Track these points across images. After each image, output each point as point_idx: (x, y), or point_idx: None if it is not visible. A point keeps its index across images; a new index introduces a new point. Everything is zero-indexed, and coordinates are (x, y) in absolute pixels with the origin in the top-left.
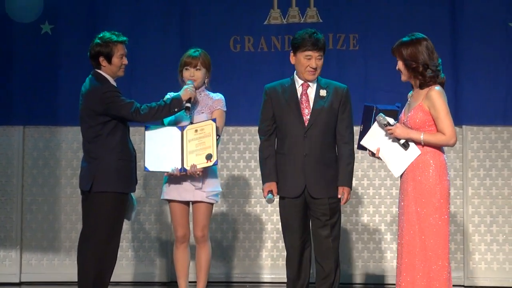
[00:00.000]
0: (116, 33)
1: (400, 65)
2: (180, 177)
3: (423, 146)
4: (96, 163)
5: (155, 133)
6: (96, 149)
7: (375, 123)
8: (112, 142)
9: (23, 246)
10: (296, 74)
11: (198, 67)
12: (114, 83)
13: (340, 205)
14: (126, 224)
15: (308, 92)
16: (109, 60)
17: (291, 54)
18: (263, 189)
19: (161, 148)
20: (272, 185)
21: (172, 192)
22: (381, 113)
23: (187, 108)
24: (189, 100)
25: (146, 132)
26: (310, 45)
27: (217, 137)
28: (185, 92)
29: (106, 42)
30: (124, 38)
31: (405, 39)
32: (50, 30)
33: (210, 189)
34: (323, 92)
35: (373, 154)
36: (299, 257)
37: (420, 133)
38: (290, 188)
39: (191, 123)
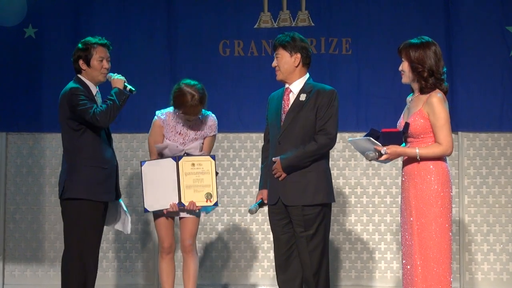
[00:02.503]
0: (100, 37)
1: (405, 66)
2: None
3: (419, 162)
4: (68, 169)
5: (150, 168)
6: (69, 155)
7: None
8: (84, 148)
9: (5, 256)
10: None
11: (198, 113)
12: (94, 89)
13: (323, 217)
14: (112, 234)
15: (290, 97)
16: (88, 63)
17: None
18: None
19: (157, 184)
20: (263, 193)
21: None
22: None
23: (131, 90)
24: (125, 84)
25: (142, 168)
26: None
27: (216, 174)
28: (116, 81)
29: (86, 45)
30: (106, 42)
31: (414, 40)
32: (34, 34)
33: (203, 208)
34: (303, 97)
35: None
36: (285, 268)
37: (414, 149)
38: (269, 195)
39: (186, 154)
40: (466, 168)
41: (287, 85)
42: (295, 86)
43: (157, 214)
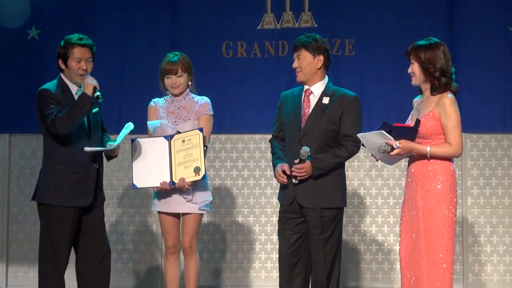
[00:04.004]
0: (83, 36)
1: (415, 67)
2: (169, 190)
3: (429, 159)
4: (41, 173)
5: (141, 145)
6: (43, 157)
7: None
8: (54, 152)
9: (9, 257)
10: None
11: (179, 74)
12: (75, 88)
13: (338, 219)
14: (115, 236)
15: (310, 99)
16: (65, 63)
17: None
18: (275, 175)
19: (148, 162)
20: (283, 166)
21: (163, 204)
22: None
23: (98, 98)
24: (95, 90)
25: (133, 145)
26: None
27: (204, 148)
28: (86, 85)
29: (65, 43)
30: (87, 42)
31: (422, 42)
32: (37, 35)
33: (201, 200)
34: (325, 100)
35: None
36: (289, 268)
37: (425, 146)
38: (283, 195)
39: (178, 132)
40: (469, 169)
41: (306, 87)
42: (316, 88)
43: (162, 212)
